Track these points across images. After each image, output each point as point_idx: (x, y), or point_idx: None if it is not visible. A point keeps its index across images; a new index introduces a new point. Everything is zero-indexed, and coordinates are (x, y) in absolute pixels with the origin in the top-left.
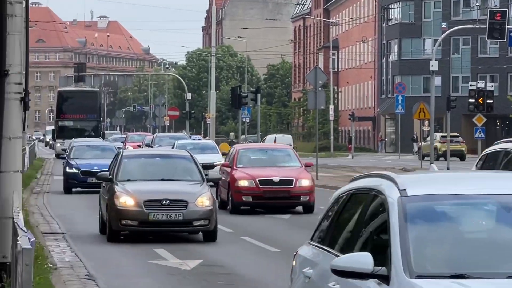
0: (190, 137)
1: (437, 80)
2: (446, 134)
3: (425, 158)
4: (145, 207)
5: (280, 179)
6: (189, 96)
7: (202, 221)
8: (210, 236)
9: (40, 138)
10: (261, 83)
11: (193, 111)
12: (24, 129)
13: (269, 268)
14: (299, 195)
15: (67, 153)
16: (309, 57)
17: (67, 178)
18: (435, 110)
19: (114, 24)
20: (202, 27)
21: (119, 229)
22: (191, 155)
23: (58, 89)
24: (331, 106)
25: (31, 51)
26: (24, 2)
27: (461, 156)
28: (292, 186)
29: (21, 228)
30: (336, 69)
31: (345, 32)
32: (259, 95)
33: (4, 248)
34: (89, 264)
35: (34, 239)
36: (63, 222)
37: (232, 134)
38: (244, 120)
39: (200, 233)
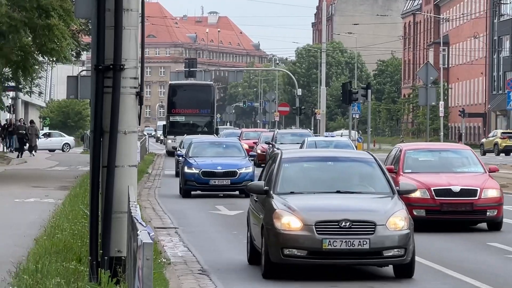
0: (326, 134)
1: None
2: (507, 131)
3: (487, 153)
4: (316, 231)
5: (461, 189)
6: (299, 92)
7: (396, 250)
8: (405, 270)
9: (152, 134)
10: (371, 79)
11: (303, 107)
12: (139, 124)
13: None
14: (485, 209)
15: (179, 150)
16: (419, 53)
17: (185, 179)
18: None
19: (224, 20)
20: (312, 23)
21: (280, 261)
22: (375, 158)
23: (170, 82)
24: (441, 103)
25: None
26: None
27: None
28: (476, 198)
29: (140, 223)
30: (446, 65)
31: (456, 28)
32: (369, 91)
33: (119, 243)
34: (202, 258)
35: (153, 233)
36: (175, 217)
37: (343, 130)
38: (353, 116)
39: (390, 266)
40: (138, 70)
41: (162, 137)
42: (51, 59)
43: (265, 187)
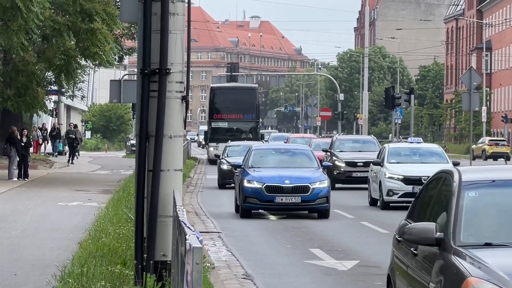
0: (402, 139)
1: None
2: (494, 138)
3: (476, 159)
4: None
5: None
6: (341, 96)
7: None
8: None
9: (194, 139)
10: (413, 84)
11: (345, 112)
12: (184, 128)
13: None
14: None
15: (222, 158)
16: (461, 58)
17: (245, 195)
18: None
19: (266, 24)
20: (354, 27)
21: None
22: None
23: (211, 85)
24: (484, 108)
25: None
26: (186, 0)
27: (507, 157)
28: None
29: (188, 227)
30: (488, 71)
31: (499, 33)
32: (412, 96)
33: (164, 247)
34: (246, 263)
35: (202, 237)
36: (218, 222)
37: (391, 135)
38: (396, 121)
39: None
40: (184, 74)
41: (204, 142)
42: (94, 63)
43: (438, 234)
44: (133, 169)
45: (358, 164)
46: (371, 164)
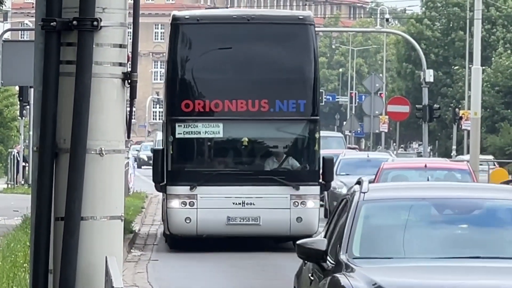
0: None
1: None
2: None
3: None
4: None
5: None
6: (429, 75)
7: None
8: None
9: (142, 156)
10: None
11: (435, 106)
12: (128, 136)
13: None
14: None
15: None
16: None
17: None
18: None
19: None
20: None
21: None
22: None
23: (174, 13)
24: None
25: None
26: None
27: None
28: None
29: None
30: None
31: None
32: None
33: None
34: None
35: None
36: None
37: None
38: None
39: None
40: (127, 30)
41: (155, 178)
42: None
43: None
44: (23, 215)
45: None
46: None
